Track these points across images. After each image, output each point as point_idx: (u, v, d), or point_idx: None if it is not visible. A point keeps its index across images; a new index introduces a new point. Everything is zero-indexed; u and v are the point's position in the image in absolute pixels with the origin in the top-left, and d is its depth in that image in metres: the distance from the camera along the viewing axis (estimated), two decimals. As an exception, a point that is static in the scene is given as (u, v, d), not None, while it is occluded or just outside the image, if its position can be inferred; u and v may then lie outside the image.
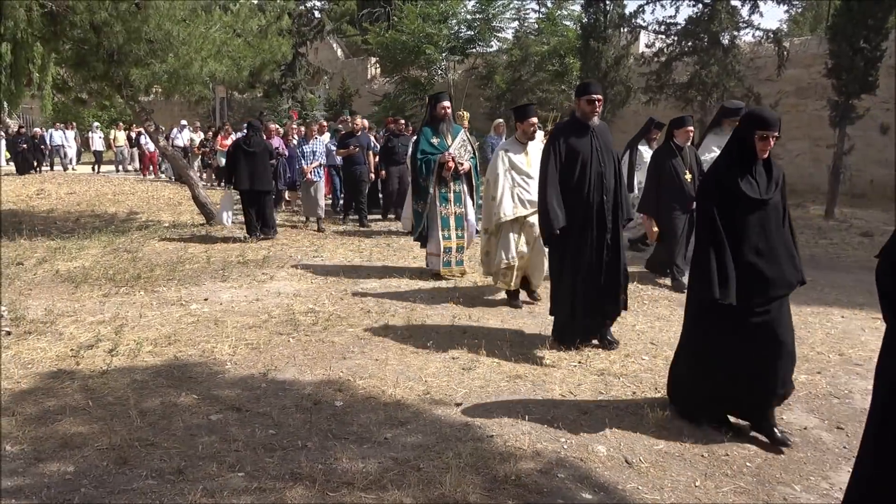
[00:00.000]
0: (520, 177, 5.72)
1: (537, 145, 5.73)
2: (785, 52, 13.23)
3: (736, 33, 13.62)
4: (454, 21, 19.14)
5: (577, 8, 17.02)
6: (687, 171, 6.36)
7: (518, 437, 3.47)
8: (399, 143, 10.92)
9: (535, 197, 5.26)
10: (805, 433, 3.61)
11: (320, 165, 10.51)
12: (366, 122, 12.07)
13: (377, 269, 7.57)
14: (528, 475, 3.09)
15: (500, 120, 11.47)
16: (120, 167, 21.84)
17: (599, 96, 4.65)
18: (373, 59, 23.63)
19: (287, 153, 11.61)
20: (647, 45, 15.56)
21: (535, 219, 5.34)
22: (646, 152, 8.27)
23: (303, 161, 10.44)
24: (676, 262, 6.51)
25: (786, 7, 15.46)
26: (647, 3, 14.26)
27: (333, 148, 11.34)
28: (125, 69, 9.50)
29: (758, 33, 13.69)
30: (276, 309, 5.90)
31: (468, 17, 19.17)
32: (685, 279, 5.94)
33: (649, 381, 4.26)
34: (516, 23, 19.28)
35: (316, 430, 3.54)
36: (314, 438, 3.45)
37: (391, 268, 7.67)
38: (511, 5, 18.77)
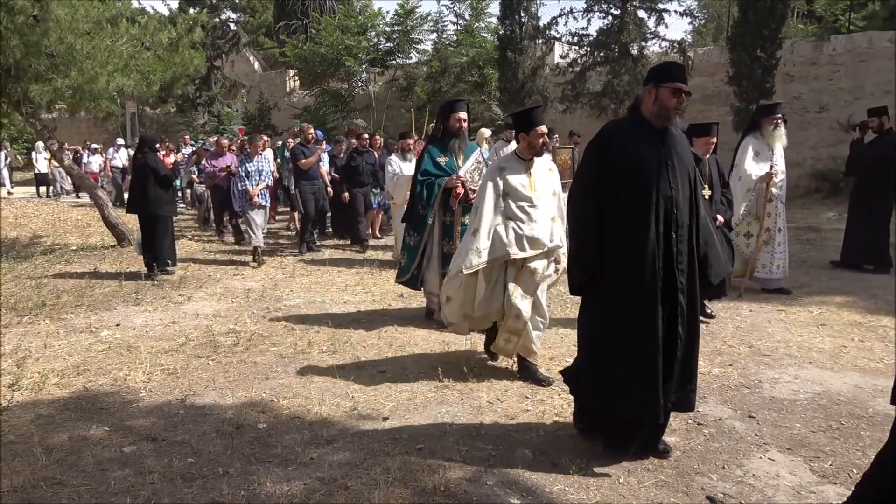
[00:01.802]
0: (518, 204, 4.23)
1: (544, 163, 4.45)
2: (690, 62, 13.88)
3: (644, 44, 14.20)
4: (373, 33, 19.12)
5: (494, 20, 17.32)
6: (706, 186, 5.56)
7: (446, 447, 3.46)
8: (363, 161, 9.82)
9: (540, 233, 4.21)
10: (720, 423, 3.77)
11: (266, 187, 9.08)
12: (318, 133, 10.80)
13: (302, 286, 7.42)
14: (457, 485, 3.08)
15: (485, 130, 10.29)
16: (54, 189, 20.09)
17: (687, 87, 3.16)
18: (291, 72, 23.28)
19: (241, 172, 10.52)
20: (561, 56, 16.01)
21: (539, 263, 4.24)
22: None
23: (247, 182, 8.79)
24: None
25: (689, 19, 16.24)
26: (561, 16, 14.68)
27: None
28: (24, 85, 8.97)
29: (664, 44, 14.33)
30: (193, 331, 5.68)
31: (387, 29, 19.19)
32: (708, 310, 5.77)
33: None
34: (435, 35, 19.44)
35: (238, 455, 3.42)
36: (236, 464, 3.33)
37: (316, 283, 7.54)
38: (429, 17, 18.92)
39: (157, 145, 8.84)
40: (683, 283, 3.15)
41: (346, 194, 9.78)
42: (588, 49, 14.55)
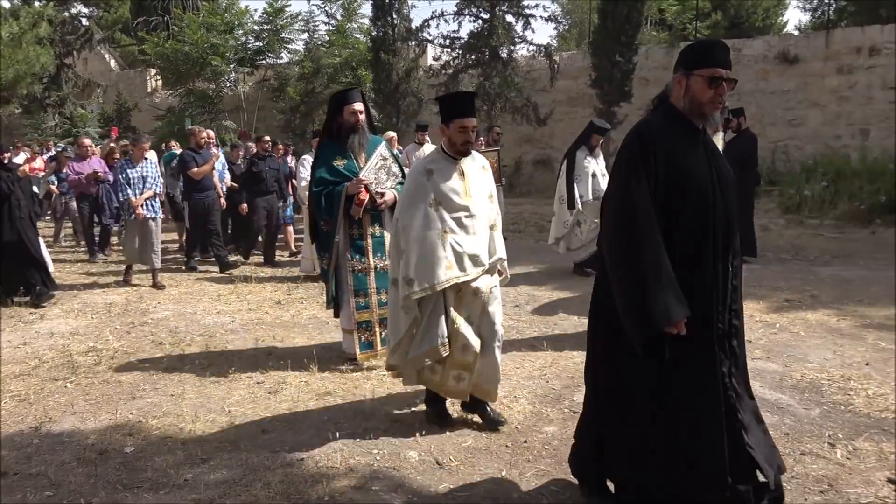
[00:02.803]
0: (454, 215, 3.45)
1: (476, 161, 3.67)
2: (556, 66, 14.54)
3: (513, 48, 14.71)
4: (241, 32, 18.44)
5: (367, 21, 17.25)
6: None
7: (330, 455, 3.39)
8: (266, 166, 8.65)
9: (481, 247, 3.52)
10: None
11: (154, 195, 7.54)
12: (211, 133, 9.18)
13: (170, 297, 7.01)
14: (342, 493, 3.03)
15: (390, 132, 9.73)
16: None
17: (727, 73, 2.46)
18: (153, 71, 21.95)
19: (111, 178, 8.96)
20: (434, 59, 16.22)
21: (482, 282, 3.51)
22: (590, 162, 7.33)
23: (128, 190, 7.29)
24: None
25: (554, 24, 17.00)
26: (432, 18, 14.90)
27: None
28: None
29: (531, 48, 14.92)
30: (48, 352, 5.20)
31: (255, 27, 18.58)
32: None
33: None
34: (306, 34, 19.06)
35: (103, 484, 3.16)
36: (101, 493, 3.08)
37: (186, 294, 7.15)
38: (300, 17, 18.52)
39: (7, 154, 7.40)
40: (737, 327, 2.53)
41: (244, 205, 8.58)
42: (460, 52, 14.85)
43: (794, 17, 24.23)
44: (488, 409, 3.72)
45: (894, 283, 6.72)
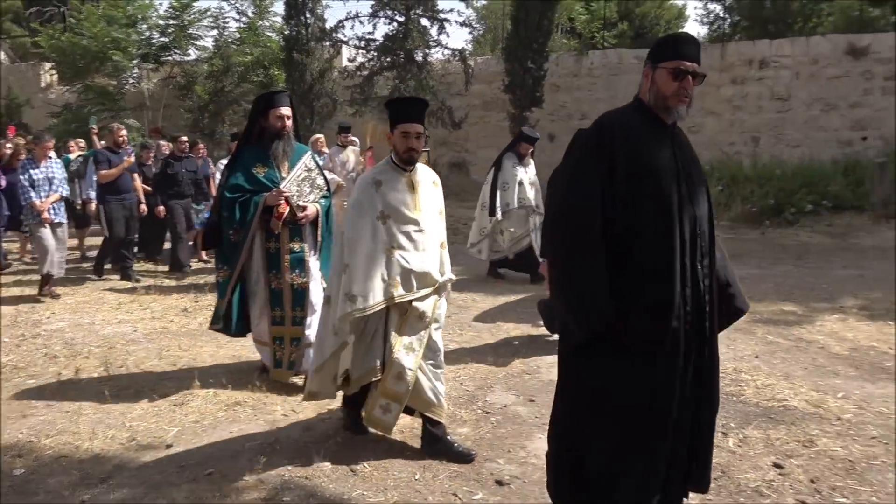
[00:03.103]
0: (403, 229, 3.28)
1: (427, 174, 3.50)
2: (470, 70, 14.71)
3: (428, 51, 14.78)
4: (145, 26, 17.60)
5: (279, 19, 16.86)
6: None
7: (239, 468, 3.30)
8: (182, 168, 8.25)
9: (431, 265, 3.33)
10: (505, 410, 4.04)
11: (61, 199, 6.97)
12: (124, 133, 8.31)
13: (66, 307, 6.61)
14: (252, 506, 2.96)
15: (320, 135, 9.37)
16: None
17: (694, 66, 2.33)
18: (47, 65, 20.60)
19: (3, 183, 7.87)
20: (349, 60, 16.07)
21: (427, 304, 3.33)
22: (518, 171, 7.35)
23: (31, 193, 6.68)
24: None
25: (469, 29, 17.22)
26: (347, 19, 14.79)
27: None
28: None
29: (446, 52, 15.05)
30: (-75, 369, 4.80)
31: (161, 22, 17.78)
32: None
33: (370, 387, 4.38)
34: (215, 31, 18.42)
35: (-13, 510, 2.95)
36: (-15, 520, 2.87)
37: (83, 303, 6.76)
38: (209, 13, 17.89)
39: None
40: (709, 330, 2.37)
41: (161, 207, 8.14)
42: (375, 54, 14.78)
43: (694, 30, 25.56)
44: (453, 443, 3.45)
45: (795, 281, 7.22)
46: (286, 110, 4.30)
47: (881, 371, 4.67)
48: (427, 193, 3.43)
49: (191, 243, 8.81)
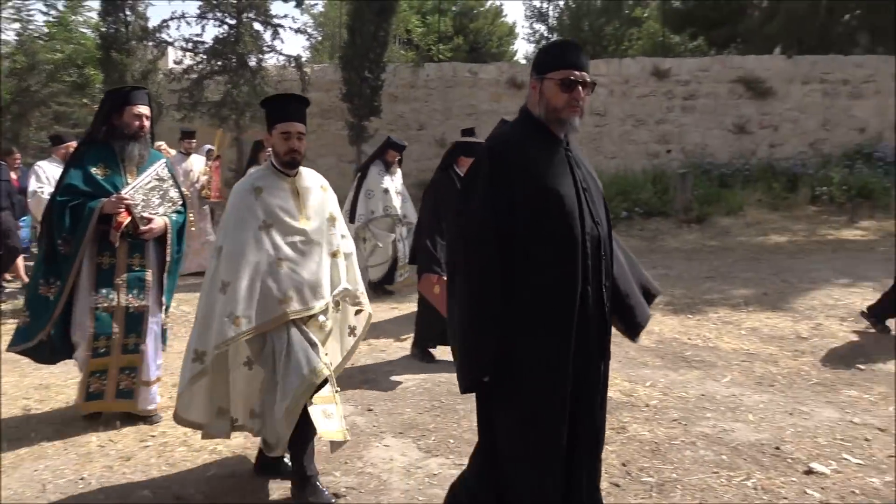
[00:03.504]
0: (289, 240, 2.99)
1: (314, 178, 3.22)
2: (307, 77, 14.49)
3: (262, 56, 14.34)
4: (-74, 14, 15.42)
5: (95, 15, 15.52)
6: None
7: (44, 509, 2.99)
8: None
9: (323, 276, 3.06)
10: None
11: None
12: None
13: None
14: (59, 550, 2.69)
15: (162, 143, 8.37)
16: None
17: (583, 76, 2.26)
18: None
19: None
20: (175, 62, 15.16)
21: (326, 317, 3.12)
22: (384, 179, 7.17)
23: None
24: None
25: (305, 36, 16.96)
26: (172, 19, 13.91)
27: None
28: None
29: (281, 58, 14.68)
30: None
31: (-53, 11, 15.67)
32: None
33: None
34: (18, 24, 16.56)
35: None
36: None
37: None
38: (10, 4, 16.04)
39: None
40: (608, 349, 2.36)
41: None
42: (204, 57, 14.08)
43: (523, 48, 27.21)
44: (318, 485, 3.04)
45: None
46: (145, 109, 3.86)
47: (682, 360, 5.24)
48: (314, 199, 3.14)
49: None
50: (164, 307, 4.04)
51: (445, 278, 2.44)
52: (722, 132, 15.02)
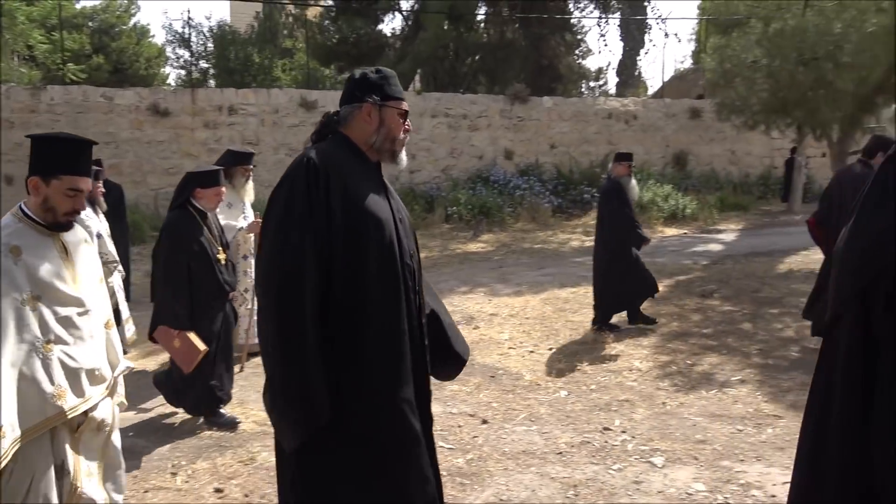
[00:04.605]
0: (62, 315, 2.31)
1: (79, 235, 2.54)
2: None
3: None
4: None
5: None
6: (220, 248, 4.43)
7: None
8: None
9: (101, 357, 2.46)
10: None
11: None
12: None
13: None
14: None
15: None
16: None
17: (404, 103, 2.20)
18: None
19: None
20: None
21: (105, 408, 2.44)
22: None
23: None
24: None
25: None
26: None
27: None
28: None
29: None
30: None
31: None
32: None
33: None
34: None
35: None
36: None
37: None
38: None
39: None
40: (429, 384, 2.24)
41: None
42: None
43: (173, 74, 25.87)
44: None
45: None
46: None
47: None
48: (83, 258, 2.50)
49: None
50: None
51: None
52: (369, 160, 16.32)
